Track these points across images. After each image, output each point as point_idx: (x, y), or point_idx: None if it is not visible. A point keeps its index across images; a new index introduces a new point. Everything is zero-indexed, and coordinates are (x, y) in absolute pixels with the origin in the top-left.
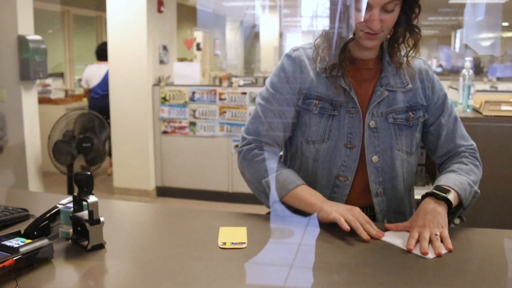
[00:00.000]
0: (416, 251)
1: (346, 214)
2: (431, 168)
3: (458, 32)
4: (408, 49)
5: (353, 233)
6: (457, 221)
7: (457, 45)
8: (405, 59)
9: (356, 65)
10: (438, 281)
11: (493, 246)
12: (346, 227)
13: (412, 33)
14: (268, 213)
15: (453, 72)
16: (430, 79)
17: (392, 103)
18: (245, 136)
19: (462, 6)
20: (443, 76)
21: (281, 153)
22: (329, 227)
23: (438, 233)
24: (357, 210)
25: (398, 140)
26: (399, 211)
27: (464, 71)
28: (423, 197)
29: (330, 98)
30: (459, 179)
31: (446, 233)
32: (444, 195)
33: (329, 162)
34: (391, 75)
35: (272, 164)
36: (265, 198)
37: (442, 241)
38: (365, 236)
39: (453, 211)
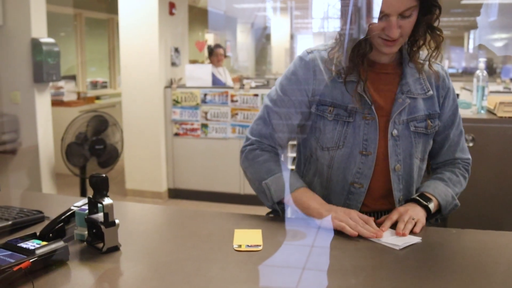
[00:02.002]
0: (386, 239)
1: (348, 220)
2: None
3: (471, 32)
4: (430, 51)
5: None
6: (432, 221)
7: (470, 45)
8: (426, 62)
9: (375, 70)
10: (456, 285)
11: None
12: (354, 233)
13: (433, 35)
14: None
15: (466, 73)
16: (446, 87)
17: (413, 110)
18: (249, 136)
19: (474, 6)
20: (456, 77)
21: (294, 155)
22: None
23: (415, 218)
24: (355, 213)
25: (417, 148)
26: None
27: (478, 72)
28: (407, 201)
29: (345, 104)
30: (444, 191)
31: (423, 221)
32: (426, 203)
33: (344, 169)
34: (411, 81)
35: (273, 165)
36: (265, 199)
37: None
38: (372, 235)
39: (433, 216)
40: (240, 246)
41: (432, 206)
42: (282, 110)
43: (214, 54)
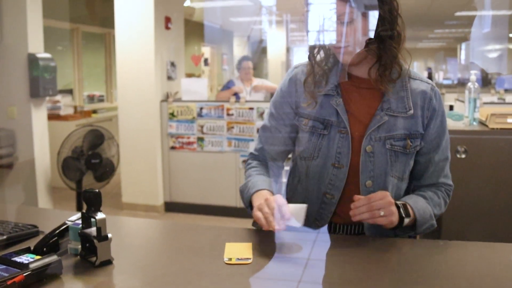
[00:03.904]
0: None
1: (260, 210)
2: None
3: (464, 44)
4: (382, 69)
5: (356, 248)
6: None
7: (463, 57)
8: (405, 81)
9: (356, 84)
10: None
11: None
12: (266, 227)
13: (384, 49)
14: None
15: (460, 84)
16: (432, 108)
17: (392, 128)
18: (251, 151)
19: (468, 18)
20: (451, 89)
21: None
22: (334, 242)
23: (383, 214)
24: (272, 202)
25: (393, 166)
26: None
27: (469, 84)
28: None
29: (322, 117)
30: (424, 208)
31: (390, 224)
32: (403, 216)
33: (318, 179)
34: (394, 99)
35: (252, 172)
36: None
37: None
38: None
39: (406, 231)
40: (230, 259)
41: (407, 221)
42: (273, 124)
43: (242, 68)
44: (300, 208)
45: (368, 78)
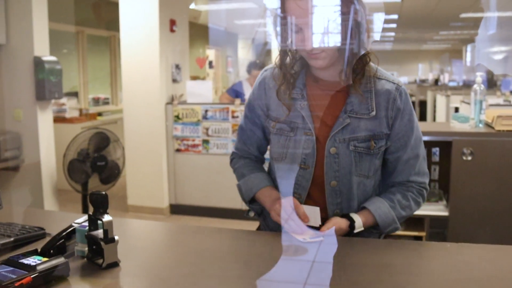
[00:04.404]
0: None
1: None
2: (444, 184)
3: (470, 46)
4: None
5: (363, 251)
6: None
7: (468, 59)
8: (371, 82)
9: (320, 86)
10: None
11: None
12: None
13: (354, 53)
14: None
15: (465, 86)
16: (396, 109)
17: (355, 130)
18: (233, 150)
19: (473, 20)
20: (456, 91)
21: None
22: (340, 244)
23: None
24: (288, 206)
25: (357, 166)
26: None
27: (475, 86)
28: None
29: (289, 119)
30: (387, 212)
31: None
32: (353, 223)
33: (286, 180)
34: (357, 101)
35: (244, 170)
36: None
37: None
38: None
39: (371, 231)
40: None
41: (359, 225)
42: (248, 125)
43: (251, 76)
44: (314, 209)
45: (334, 81)
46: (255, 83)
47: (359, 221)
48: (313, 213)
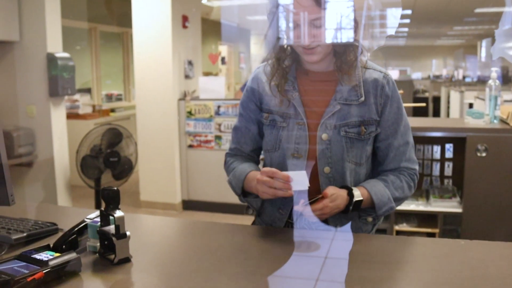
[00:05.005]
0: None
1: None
2: (458, 181)
3: (484, 41)
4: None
5: (376, 248)
6: (369, 219)
7: (483, 54)
8: (359, 71)
9: (311, 78)
10: None
11: None
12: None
13: (347, 47)
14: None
15: (480, 82)
16: (385, 96)
17: (346, 116)
18: (227, 151)
19: (488, 15)
20: (471, 86)
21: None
22: (353, 240)
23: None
24: (267, 170)
25: (349, 152)
26: (346, 214)
27: (490, 81)
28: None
29: (281, 111)
30: (382, 191)
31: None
32: (353, 193)
33: (280, 170)
34: (346, 88)
35: (234, 165)
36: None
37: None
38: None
39: (368, 212)
40: None
41: (357, 195)
42: (242, 123)
43: None
44: (300, 173)
45: (324, 72)
46: (248, 80)
47: (357, 192)
48: (300, 176)
